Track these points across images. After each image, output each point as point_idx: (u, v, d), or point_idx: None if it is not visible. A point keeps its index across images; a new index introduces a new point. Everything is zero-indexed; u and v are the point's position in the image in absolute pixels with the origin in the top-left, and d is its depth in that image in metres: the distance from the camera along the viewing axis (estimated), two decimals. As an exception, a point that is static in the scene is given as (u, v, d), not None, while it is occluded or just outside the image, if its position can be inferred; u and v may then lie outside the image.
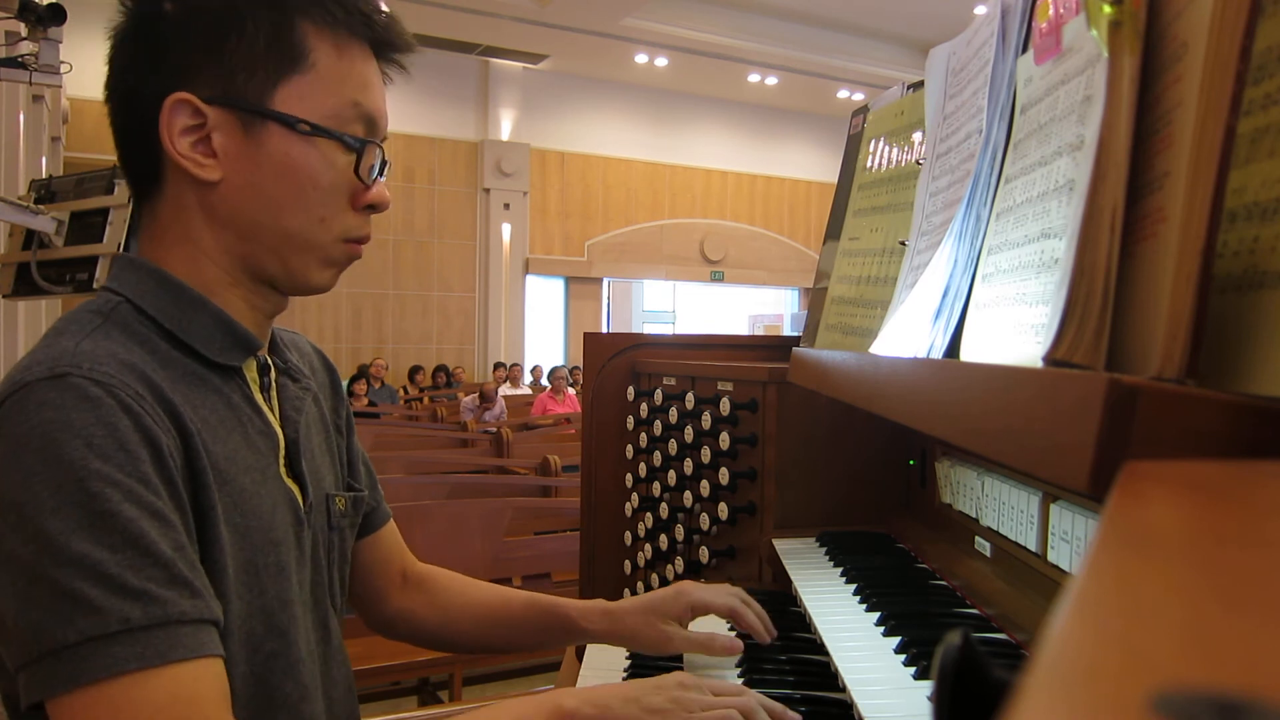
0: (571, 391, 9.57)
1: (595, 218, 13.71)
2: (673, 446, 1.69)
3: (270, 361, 0.97)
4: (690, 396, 1.63)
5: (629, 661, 1.20)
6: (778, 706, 0.91)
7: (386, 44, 0.94)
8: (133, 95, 0.88)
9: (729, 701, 0.87)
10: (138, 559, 0.72)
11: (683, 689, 0.87)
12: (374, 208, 0.94)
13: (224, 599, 0.80)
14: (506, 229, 12.87)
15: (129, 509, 0.73)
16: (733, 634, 1.12)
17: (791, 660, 1.11)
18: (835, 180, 1.51)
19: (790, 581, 1.26)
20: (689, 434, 1.63)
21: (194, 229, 0.89)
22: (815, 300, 1.45)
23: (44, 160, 6.96)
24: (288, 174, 0.88)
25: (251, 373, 0.94)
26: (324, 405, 1.07)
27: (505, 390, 10.38)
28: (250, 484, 0.87)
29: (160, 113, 0.85)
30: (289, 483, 0.94)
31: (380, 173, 0.94)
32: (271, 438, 0.93)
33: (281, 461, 0.93)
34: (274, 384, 0.97)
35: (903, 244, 1.10)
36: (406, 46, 0.96)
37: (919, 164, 1.12)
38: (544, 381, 11.71)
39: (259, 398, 0.94)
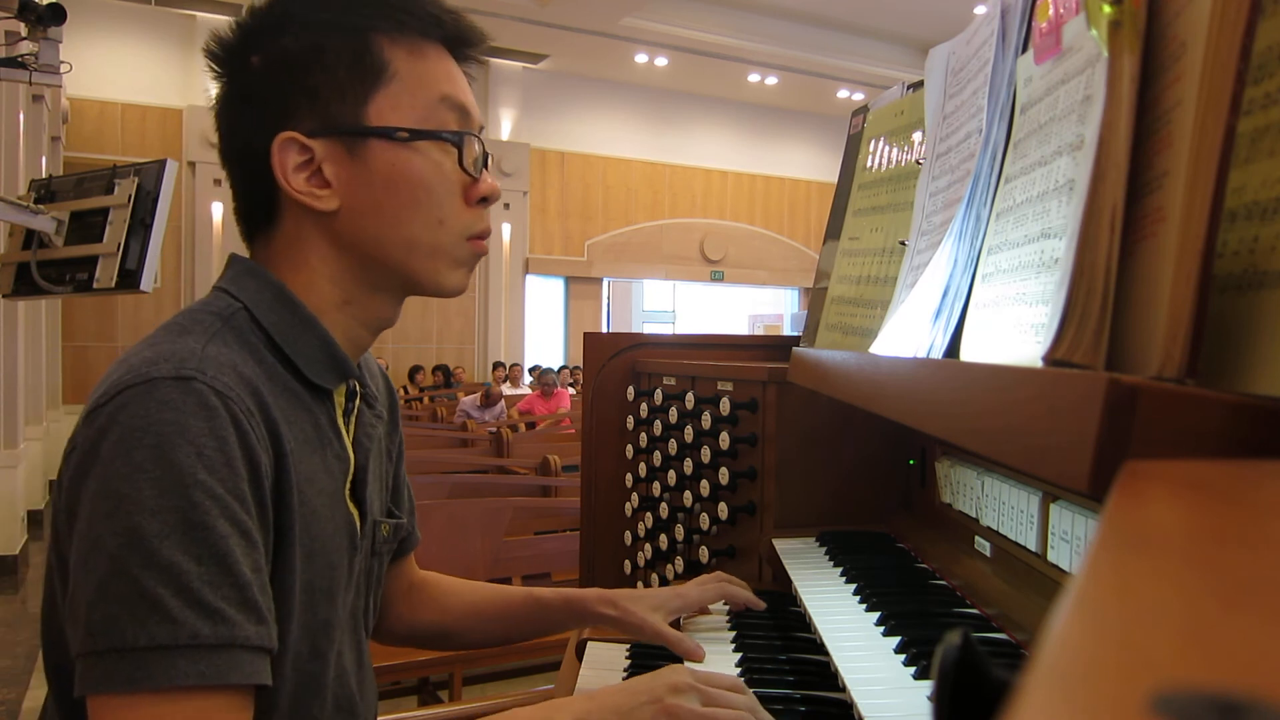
0: (570, 390, 9.56)
1: (595, 218, 13.70)
2: (673, 446, 1.69)
3: (358, 389, 0.99)
4: (690, 396, 1.63)
5: (629, 661, 1.20)
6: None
7: (458, 40, 0.95)
8: (246, 150, 0.90)
9: (721, 714, 0.87)
10: (219, 576, 0.74)
11: (675, 693, 0.87)
12: (486, 200, 0.95)
13: (286, 619, 0.82)
14: (506, 229, 12.87)
15: (223, 525, 0.74)
16: (720, 622, 1.17)
17: (791, 660, 1.11)
18: (835, 180, 1.51)
19: (790, 581, 1.26)
20: (689, 434, 1.63)
21: (312, 256, 0.91)
22: (815, 300, 1.45)
23: (44, 160, 6.96)
24: (399, 184, 0.89)
25: (340, 397, 0.96)
26: (383, 430, 1.07)
27: (505, 390, 10.38)
28: (321, 506, 0.89)
29: (270, 157, 0.87)
30: (351, 507, 0.95)
31: (485, 164, 0.95)
32: (345, 462, 0.95)
33: (347, 485, 0.95)
34: (356, 409, 0.99)
35: (903, 244, 1.10)
36: (479, 39, 0.98)
37: (919, 164, 1.12)
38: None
39: (341, 422, 0.96)
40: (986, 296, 0.77)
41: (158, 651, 0.70)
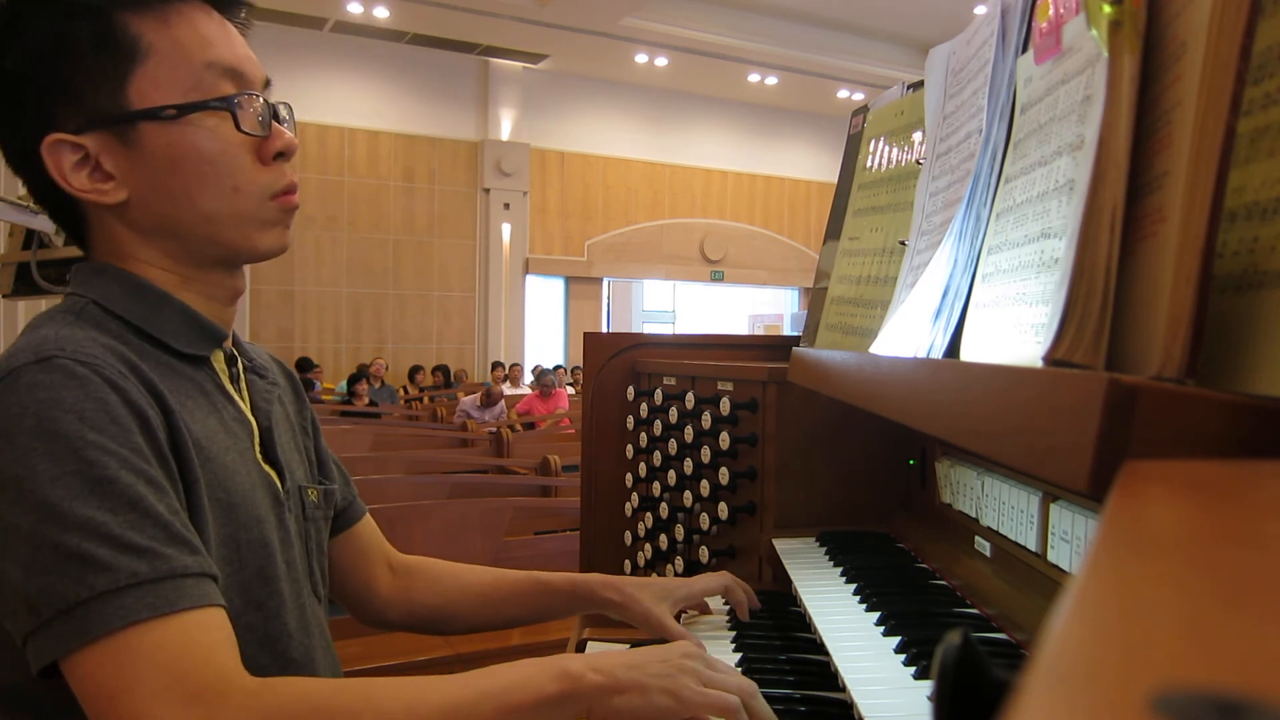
0: (569, 390, 9.55)
1: (595, 218, 13.71)
2: (673, 446, 1.69)
3: (237, 355, 1.00)
4: (690, 396, 1.63)
5: (629, 661, 1.20)
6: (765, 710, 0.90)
7: None
8: (23, 158, 0.89)
9: (732, 683, 0.87)
10: (139, 520, 0.74)
11: (687, 658, 0.87)
12: (283, 154, 0.93)
13: None
14: (506, 229, 12.87)
15: (126, 475, 0.75)
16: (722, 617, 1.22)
17: (791, 660, 1.11)
18: (835, 180, 1.51)
19: (790, 581, 1.26)
20: (689, 434, 1.63)
21: (129, 248, 0.91)
22: (815, 300, 1.45)
23: (44, 160, 6.93)
24: (181, 163, 0.87)
25: (219, 364, 0.97)
26: (289, 408, 1.09)
27: (505, 390, 10.38)
28: (232, 462, 0.89)
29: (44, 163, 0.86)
30: (266, 468, 0.96)
31: (275, 117, 0.92)
32: (245, 425, 0.95)
33: (257, 448, 0.96)
34: (243, 376, 1.00)
35: (903, 244, 1.10)
36: None
37: (919, 164, 1.12)
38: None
39: (230, 388, 0.96)
40: (986, 296, 0.77)
41: (101, 599, 0.71)
